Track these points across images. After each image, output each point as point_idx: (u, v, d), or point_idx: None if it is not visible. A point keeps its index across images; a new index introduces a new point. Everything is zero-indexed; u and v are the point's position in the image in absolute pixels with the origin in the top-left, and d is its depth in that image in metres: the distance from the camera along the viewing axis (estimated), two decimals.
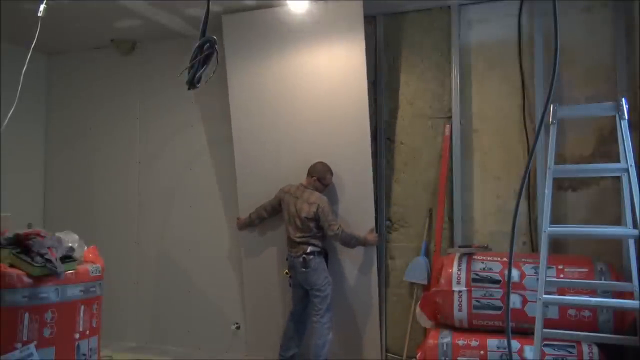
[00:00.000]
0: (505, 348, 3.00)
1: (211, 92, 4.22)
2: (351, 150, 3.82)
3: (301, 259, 3.61)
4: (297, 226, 3.67)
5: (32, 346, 2.67)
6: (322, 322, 3.60)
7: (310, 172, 3.73)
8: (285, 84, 4.01)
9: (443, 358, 3.18)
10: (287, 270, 3.77)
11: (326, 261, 3.73)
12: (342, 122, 3.84)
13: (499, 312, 3.19)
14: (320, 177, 3.71)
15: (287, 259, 3.77)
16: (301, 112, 3.96)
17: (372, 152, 3.83)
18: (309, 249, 3.63)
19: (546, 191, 2.82)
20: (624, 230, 2.92)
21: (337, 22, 3.84)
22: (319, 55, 3.92)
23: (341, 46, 3.83)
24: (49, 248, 2.80)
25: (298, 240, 3.66)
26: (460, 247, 3.61)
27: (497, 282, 3.23)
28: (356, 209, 3.83)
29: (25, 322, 2.68)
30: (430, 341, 3.26)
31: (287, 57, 4.00)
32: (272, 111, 4.05)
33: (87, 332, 2.98)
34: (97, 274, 3.12)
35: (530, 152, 3.42)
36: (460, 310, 3.25)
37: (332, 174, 3.76)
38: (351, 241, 3.66)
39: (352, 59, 3.80)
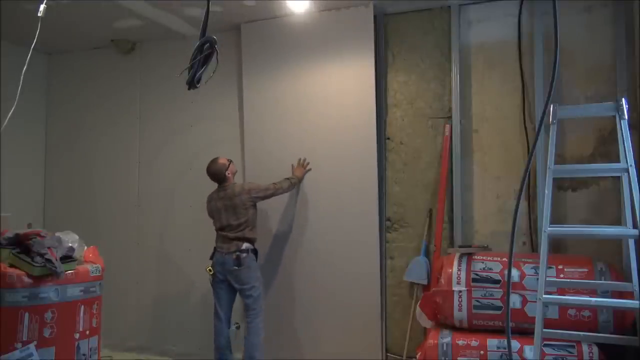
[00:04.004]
0: (505, 348, 3.01)
1: (211, 92, 4.23)
2: (358, 152, 3.93)
3: (234, 256, 3.58)
4: (232, 224, 3.64)
5: (32, 346, 2.68)
6: (257, 321, 3.61)
7: (218, 174, 3.76)
8: (298, 89, 4.16)
9: (443, 358, 3.18)
10: (210, 268, 3.70)
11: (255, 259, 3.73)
12: (350, 127, 3.96)
13: (499, 312, 3.18)
14: (227, 172, 3.75)
15: (211, 257, 3.73)
16: (311, 117, 4.10)
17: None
18: (244, 246, 3.61)
19: (546, 191, 2.82)
20: (624, 230, 2.92)
21: (348, 30, 3.99)
22: (331, 61, 4.06)
23: (351, 53, 3.99)
24: (49, 248, 2.81)
25: (232, 236, 3.63)
26: (460, 247, 3.61)
27: (497, 282, 3.23)
28: (361, 210, 3.90)
29: (25, 322, 2.68)
30: (430, 341, 3.26)
31: (300, 63, 4.15)
32: (284, 115, 4.19)
33: (87, 332, 2.98)
34: (97, 274, 3.12)
35: (530, 152, 3.42)
36: (460, 310, 3.24)
37: (227, 161, 3.79)
38: (290, 187, 3.86)
39: (361, 67, 3.95)
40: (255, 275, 3.67)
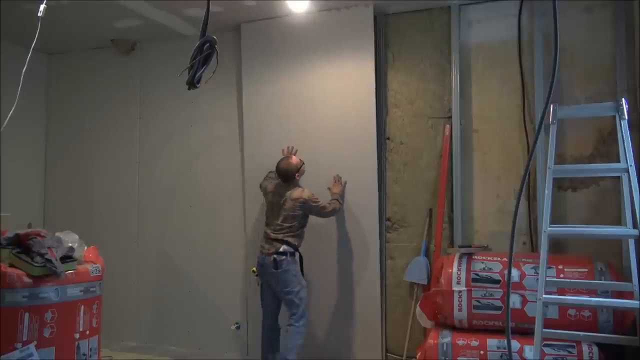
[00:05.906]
0: (505, 348, 3.00)
1: (211, 92, 4.23)
2: (358, 152, 3.94)
3: (272, 259, 3.52)
4: (277, 223, 3.61)
5: (32, 346, 2.68)
6: (297, 325, 3.51)
7: (288, 174, 3.70)
8: (298, 89, 4.16)
9: (443, 358, 3.18)
10: (254, 269, 3.67)
11: (301, 266, 3.65)
12: (350, 127, 3.97)
13: (499, 312, 3.18)
14: (297, 174, 3.71)
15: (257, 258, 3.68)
16: (311, 118, 4.11)
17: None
18: (282, 249, 3.54)
19: (546, 191, 2.82)
20: (624, 230, 2.92)
21: (348, 30, 4.00)
22: (331, 61, 4.07)
23: (351, 53, 4.00)
24: (49, 248, 2.81)
25: (273, 236, 3.59)
26: (460, 247, 3.61)
27: (497, 282, 3.23)
28: (361, 210, 3.91)
29: (25, 322, 2.68)
30: (430, 341, 3.26)
31: (300, 63, 4.16)
32: (283, 115, 4.19)
33: (87, 332, 2.99)
34: (97, 274, 3.12)
35: (530, 152, 3.42)
36: (460, 310, 3.24)
37: (300, 163, 3.77)
38: (340, 208, 3.75)
39: (361, 67, 3.96)
40: (294, 279, 3.55)
